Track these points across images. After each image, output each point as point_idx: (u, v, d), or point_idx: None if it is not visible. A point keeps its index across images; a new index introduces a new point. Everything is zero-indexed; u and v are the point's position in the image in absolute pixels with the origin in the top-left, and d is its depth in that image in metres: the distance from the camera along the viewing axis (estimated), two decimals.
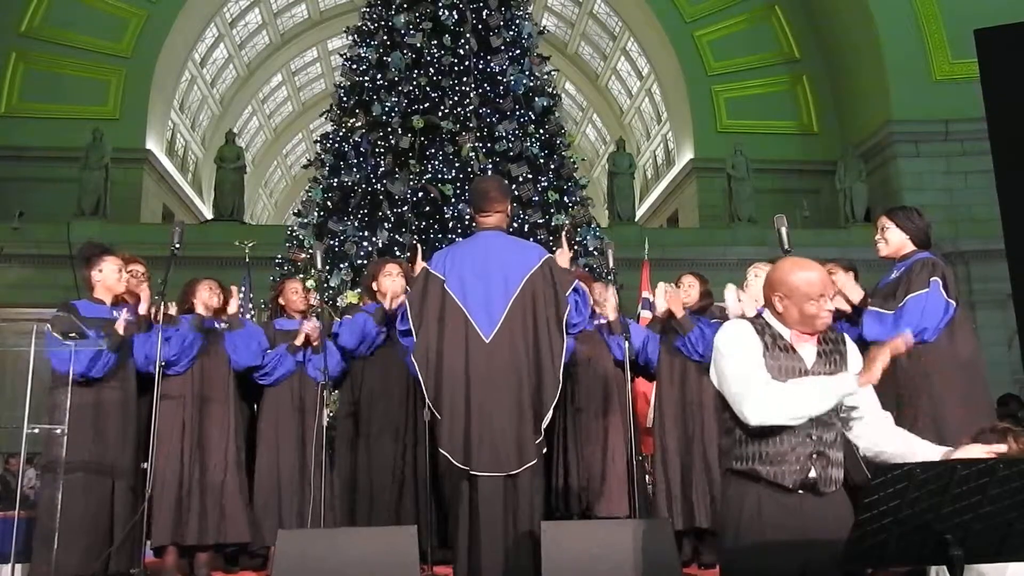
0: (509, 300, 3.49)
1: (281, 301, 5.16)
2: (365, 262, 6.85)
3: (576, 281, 3.63)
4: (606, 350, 4.95)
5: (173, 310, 4.63)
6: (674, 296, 4.87)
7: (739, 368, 2.35)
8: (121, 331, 4.27)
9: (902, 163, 17.00)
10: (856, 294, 3.82)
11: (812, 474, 2.32)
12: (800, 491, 2.32)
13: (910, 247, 3.87)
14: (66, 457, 4.00)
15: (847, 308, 3.82)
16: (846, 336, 2.51)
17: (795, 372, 2.36)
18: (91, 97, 17.12)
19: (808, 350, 2.40)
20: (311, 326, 4.81)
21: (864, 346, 3.58)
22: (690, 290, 5.01)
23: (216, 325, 4.80)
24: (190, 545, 4.49)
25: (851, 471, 3.51)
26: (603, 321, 4.98)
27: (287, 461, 4.80)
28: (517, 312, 3.48)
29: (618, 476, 4.75)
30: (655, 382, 5.07)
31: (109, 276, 4.41)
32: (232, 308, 4.77)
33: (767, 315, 2.47)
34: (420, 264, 4.03)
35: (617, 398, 4.82)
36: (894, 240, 3.90)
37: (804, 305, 2.36)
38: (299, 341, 4.85)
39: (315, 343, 4.83)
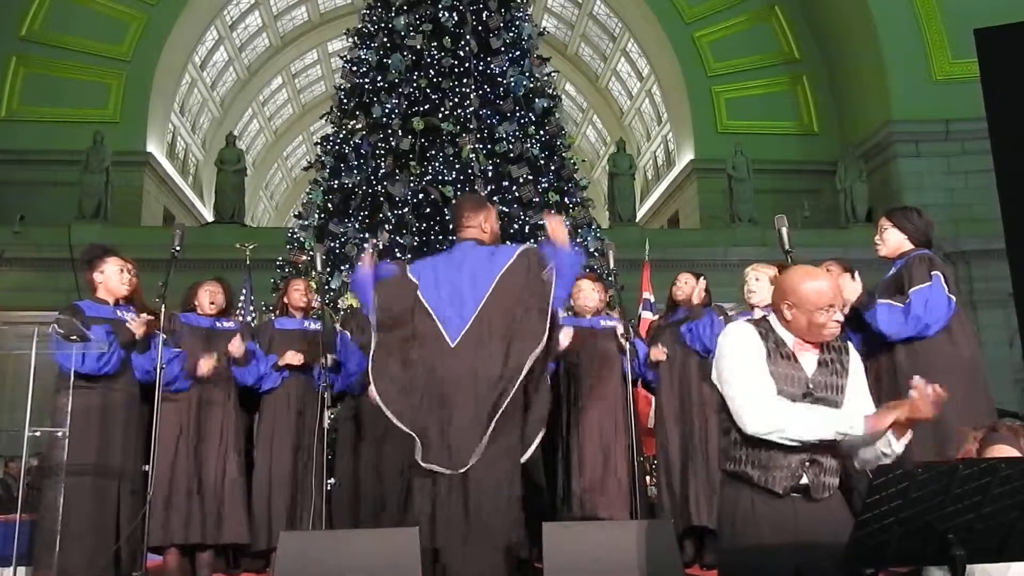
0: (478, 304, 3.54)
1: (286, 299, 5.17)
2: None
3: (556, 258, 3.60)
4: (609, 350, 4.93)
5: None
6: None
7: (743, 374, 2.35)
8: (134, 328, 4.29)
9: (902, 163, 17.01)
10: (854, 291, 3.77)
11: (804, 480, 2.32)
12: (793, 495, 2.32)
13: (908, 247, 3.85)
14: (73, 460, 3.99)
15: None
16: (850, 345, 2.50)
17: (795, 380, 2.35)
18: (91, 100, 17.14)
19: (809, 359, 2.40)
20: (294, 356, 4.80)
21: (867, 346, 3.59)
22: (685, 287, 5.03)
23: (217, 325, 4.80)
24: (191, 545, 4.50)
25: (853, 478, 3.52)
26: (610, 324, 4.97)
27: (287, 463, 4.80)
28: (487, 315, 3.53)
29: (621, 479, 4.75)
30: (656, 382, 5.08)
31: (111, 277, 4.41)
32: (239, 351, 4.71)
33: (772, 320, 2.47)
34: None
35: (620, 399, 4.80)
36: (891, 240, 3.89)
37: (813, 315, 2.35)
38: (282, 363, 4.84)
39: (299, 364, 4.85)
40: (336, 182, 7.59)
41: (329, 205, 7.55)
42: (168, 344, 4.44)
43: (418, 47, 7.87)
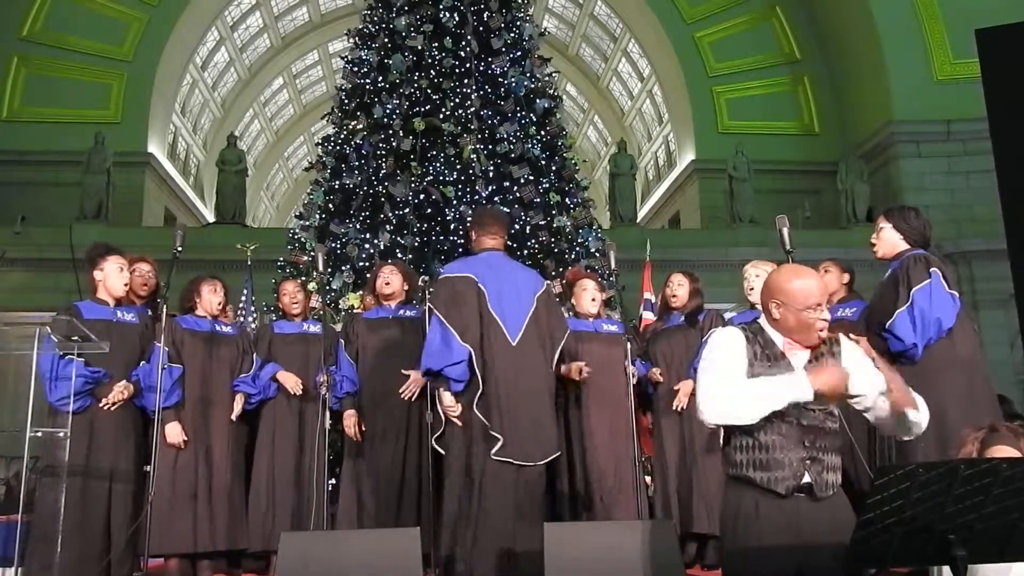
0: (527, 311, 3.84)
1: (280, 304, 5.17)
2: (367, 264, 6.85)
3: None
4: (612, 354, 4.90)
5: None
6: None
7: (709, 373, 2.39)
8: (110, 398, 4.29)
9: (904, 163, 16.99)
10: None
11: (806, 479, 2.33)
12: (795, 495, 2.32)
13: (904, 246, 3.85)
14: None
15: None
16: (841, 336, 2.50)
17: None
18: (93, 101, 17.14)
19: (800, 358, 2.40)
20: (294, 384, 4.81)
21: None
22: (679, 289, 5.00)
23: (217, 328, 4.80)
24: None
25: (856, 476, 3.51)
26: (612, 328, 4.95)
27: (288, 464, 4.79)
28: (532, 324, 3.84)
29: (625, 480, 4.73)
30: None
31: (110, 276, 4.39)
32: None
33: (762, 320, 2.48)
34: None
35: (625, 402, 4.78)
36: (887, 240, 3.89)
37: (800, 314, 2.37)
38: (280, 378, 4.85)
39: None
40: (337, 182, 7.58)
41: (330, 206, 7.54)
42: (169, 355, 4.44)
43: (419, 48, 7.86)
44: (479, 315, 3.79)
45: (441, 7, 7.94)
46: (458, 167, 7.40)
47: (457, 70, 7.81)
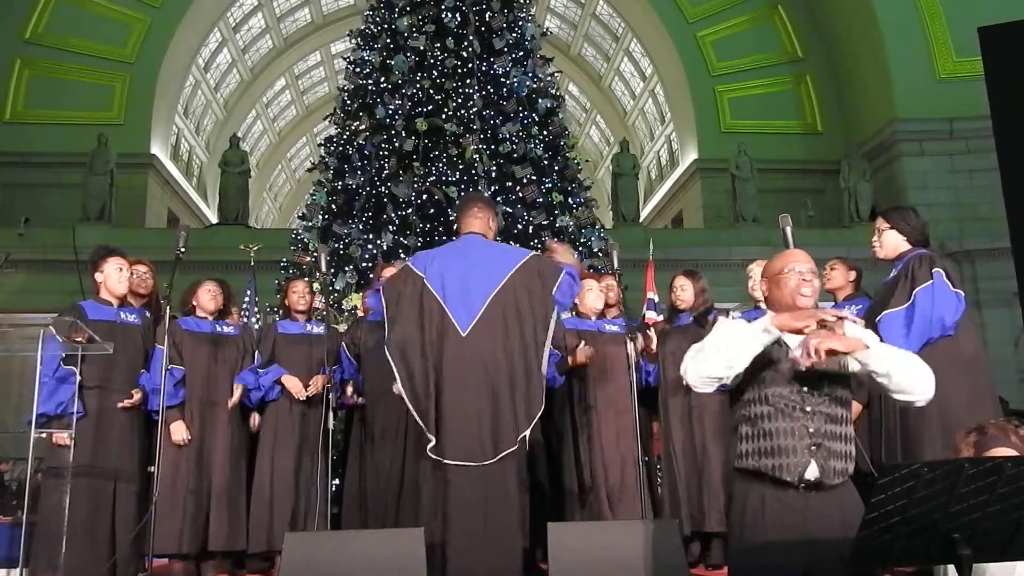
0: (488, 296, 3.57)
1: (287, 302, 5.18)
2: (370, 265, 6.86)
3: (565, 269, 3.69)
4: (615, 353, 4.90)
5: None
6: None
7: (700, 345, 2.41)
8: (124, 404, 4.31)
9: (906, 162, 16.96)
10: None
11: (813, 466, 2.32)
12: (803, 486, 2.31)
13: (906, 247, 3.85)
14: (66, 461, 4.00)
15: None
16: (846, 321, 2.49)
17: (785, 362, 2.36)
18: (96, 102, 17.16)
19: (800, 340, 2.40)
20: (296, 388, 4.82)
21: None
22: (682, 292, 4.99)
23: (218, 329, 4.80)
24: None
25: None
26: (615, 328, 4.95)
27: (291, 464, 4.79)
28: (497, 308, 3.56)
29: (629, 479, 4.73)
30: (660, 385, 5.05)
31: (110, 276, 4.41)
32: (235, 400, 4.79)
33: (768, 315, 2.47)
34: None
35: (628, 401, 4.78)
36: (889, 241, 3.89)
37: (782, 280, 2.41)
38: (284, 380, 4.86)
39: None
40: (340, 183, 7.60)
41: (333, 206, 7.55)
42: (171, 356, 4.44)
43: (421, 48, 7.87)
44: (418, 309, 3.58)
45: (443, 7, 7.96)
46: (460, 167, 7.41)
47: (459, 70, 7.82)
